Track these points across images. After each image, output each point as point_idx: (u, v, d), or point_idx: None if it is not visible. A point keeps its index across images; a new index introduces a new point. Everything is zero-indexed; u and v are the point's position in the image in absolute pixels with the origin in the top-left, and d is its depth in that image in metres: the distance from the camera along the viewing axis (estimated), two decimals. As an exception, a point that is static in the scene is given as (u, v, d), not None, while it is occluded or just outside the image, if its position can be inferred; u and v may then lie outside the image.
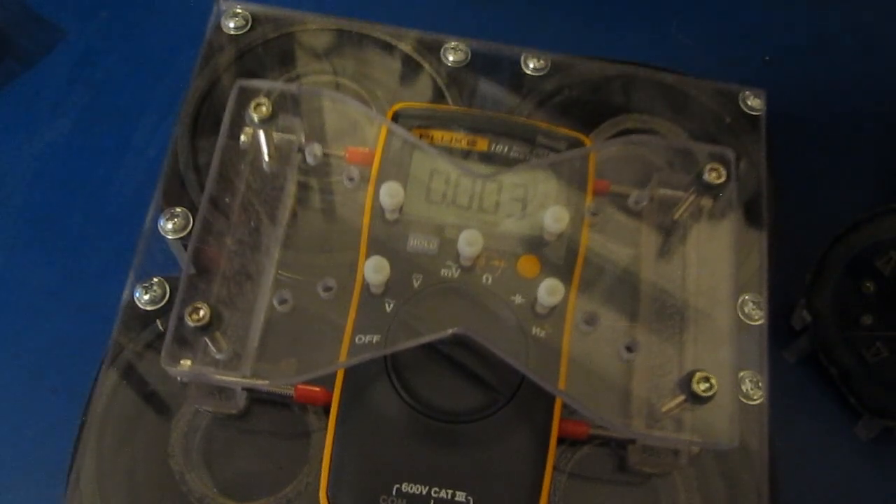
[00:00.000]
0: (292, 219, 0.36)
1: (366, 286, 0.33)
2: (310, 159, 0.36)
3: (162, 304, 0.34)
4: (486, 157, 0.37)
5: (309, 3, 0.42)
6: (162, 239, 0.35)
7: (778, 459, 0.34)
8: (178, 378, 0.32)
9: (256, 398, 0.33)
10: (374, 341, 0.32)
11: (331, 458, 0.31)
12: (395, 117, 0.37)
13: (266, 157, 0.35)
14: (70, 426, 0.33)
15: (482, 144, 0.37)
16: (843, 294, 0.45)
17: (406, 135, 0.35)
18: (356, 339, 0.32)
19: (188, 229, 0.35)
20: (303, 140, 0.36)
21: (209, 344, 0.31)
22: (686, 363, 0.33)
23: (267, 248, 0.34)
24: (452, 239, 0.34)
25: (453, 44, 0.41)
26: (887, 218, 0.46)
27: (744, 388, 0.34)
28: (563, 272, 0.34)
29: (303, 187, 0.36)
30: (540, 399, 0.32)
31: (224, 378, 0.31)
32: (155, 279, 0.35)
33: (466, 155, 0.37)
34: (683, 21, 0.56)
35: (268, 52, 0.41)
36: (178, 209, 0.36)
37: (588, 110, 0.41)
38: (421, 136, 0.37)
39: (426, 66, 0.41)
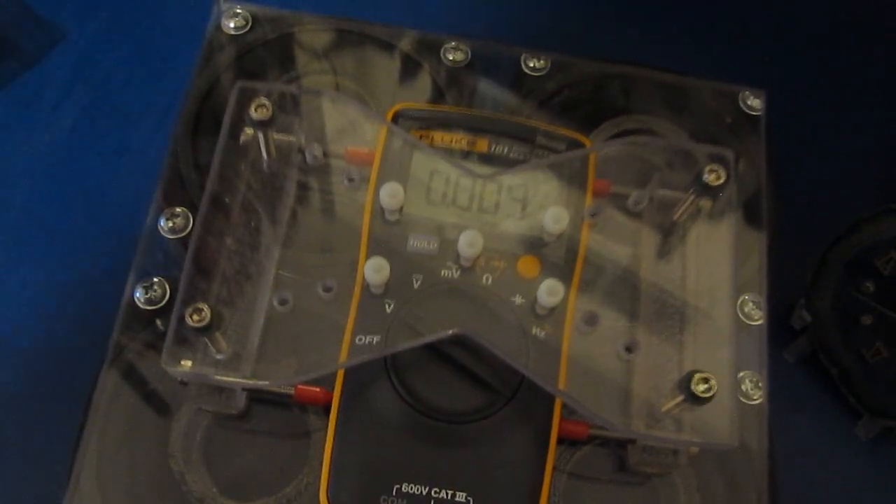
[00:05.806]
0: (292, 219, 0.36)
1: (366, 286, 0.33)
2: (310, 159, 0.36)
3: (162, 304, 0.34)
4: (486, 158, 0.37)
5: (309, 3, 0.42)
6: (162, 239, 0.35)
7: (778, 459, 0.34)
8: (179, 378, 0.32)
9: (256, 398, 0.33)
10: (374, 342, 0.32)
11: (331, 458, 0.31)
12: (395, 117, 0.37)
13: (266, 157, 0.35)
14: (70, 426, 0.33)
15: (482, 145, 0.37)
16: (843, 294, 0.45)
17: (406, 137, 0.35)
18: (356, 340, 0.32)
19: (188, 229, 0.35)
20: (303, 140, 0.36)
21: (209, 344, 0.31)
22: (686, 363, 0.33)
23: (267, 249, 0.34)
24: (452, 239, 0.34)
25: (453, 44, 0.41)
26: (887, 218, 0.46)
27: (743, 388, 0.34)
28: (563, 272, 0.34)
29: (303, 187, 0.36)
30: (540, 399, 0.32)
31: (224, 378, 0.31)
32: (155, 279, 0.35)
33: (466, 155, 0.37)
34: (683, 21, 0.56)
35: (268, 53, 0.41)
36: (178, 209, 0.36)
37: (588, 110, 0.41)
38: (421, 137, 0.37)
39: (426, 66, 0.41)
